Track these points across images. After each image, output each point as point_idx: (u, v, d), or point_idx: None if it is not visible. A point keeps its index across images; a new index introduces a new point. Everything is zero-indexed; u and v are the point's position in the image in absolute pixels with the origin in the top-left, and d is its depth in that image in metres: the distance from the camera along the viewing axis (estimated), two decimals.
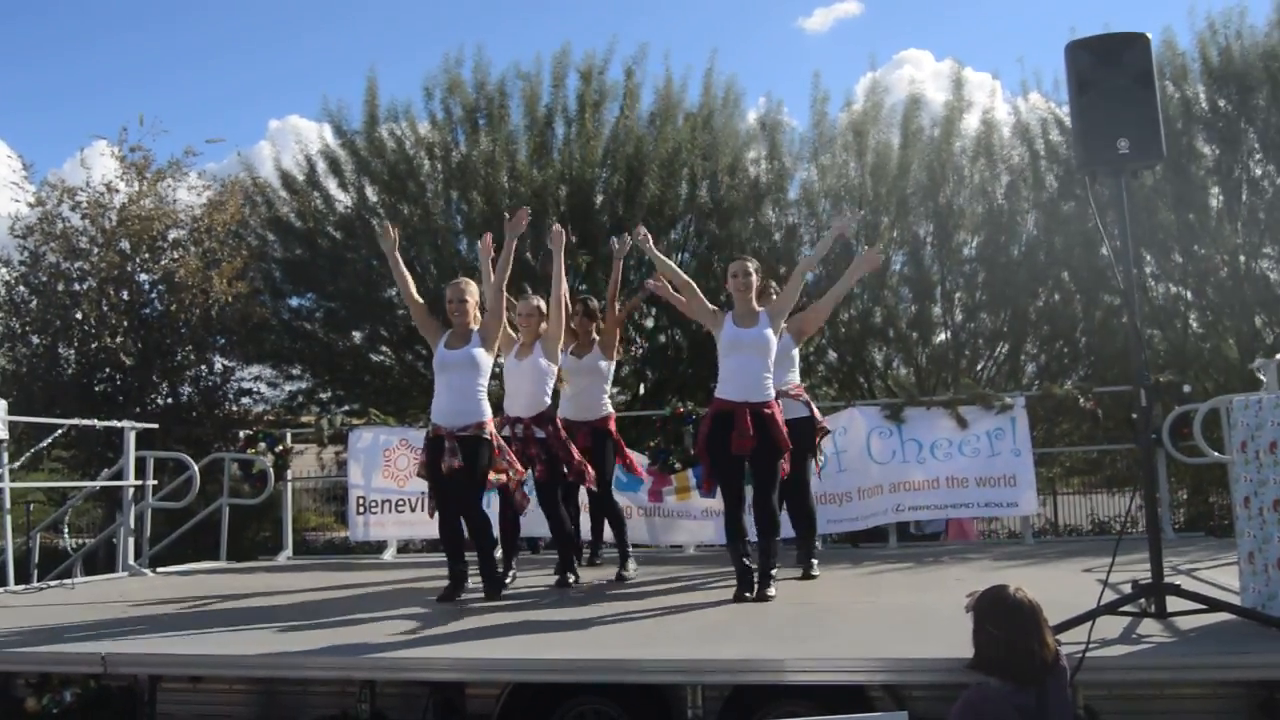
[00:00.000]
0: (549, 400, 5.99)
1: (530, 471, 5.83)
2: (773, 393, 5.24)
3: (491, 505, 5.96)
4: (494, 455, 5.41)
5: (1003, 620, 3.10)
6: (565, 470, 5.87)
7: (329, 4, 70.01)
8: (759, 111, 13.21)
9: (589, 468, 5.95)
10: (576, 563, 6.08)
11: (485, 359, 5.47)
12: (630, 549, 6.34)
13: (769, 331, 5.22)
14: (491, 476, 5.42)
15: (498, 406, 5.76)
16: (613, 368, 6.47)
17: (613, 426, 6.40)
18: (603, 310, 6.44)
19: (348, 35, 71.30)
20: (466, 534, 5.53)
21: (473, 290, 5.58)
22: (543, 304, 6.09)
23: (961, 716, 3.05)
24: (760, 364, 5.19)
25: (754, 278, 5.28)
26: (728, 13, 71.68)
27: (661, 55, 22.88)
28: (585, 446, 6.16)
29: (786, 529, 5.86)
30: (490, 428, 5.44)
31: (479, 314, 5.58)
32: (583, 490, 6.91)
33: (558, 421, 5.97)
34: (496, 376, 5.90)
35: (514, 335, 6.08)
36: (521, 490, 5.64)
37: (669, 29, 77.62)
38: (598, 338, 6.35)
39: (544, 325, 5.95)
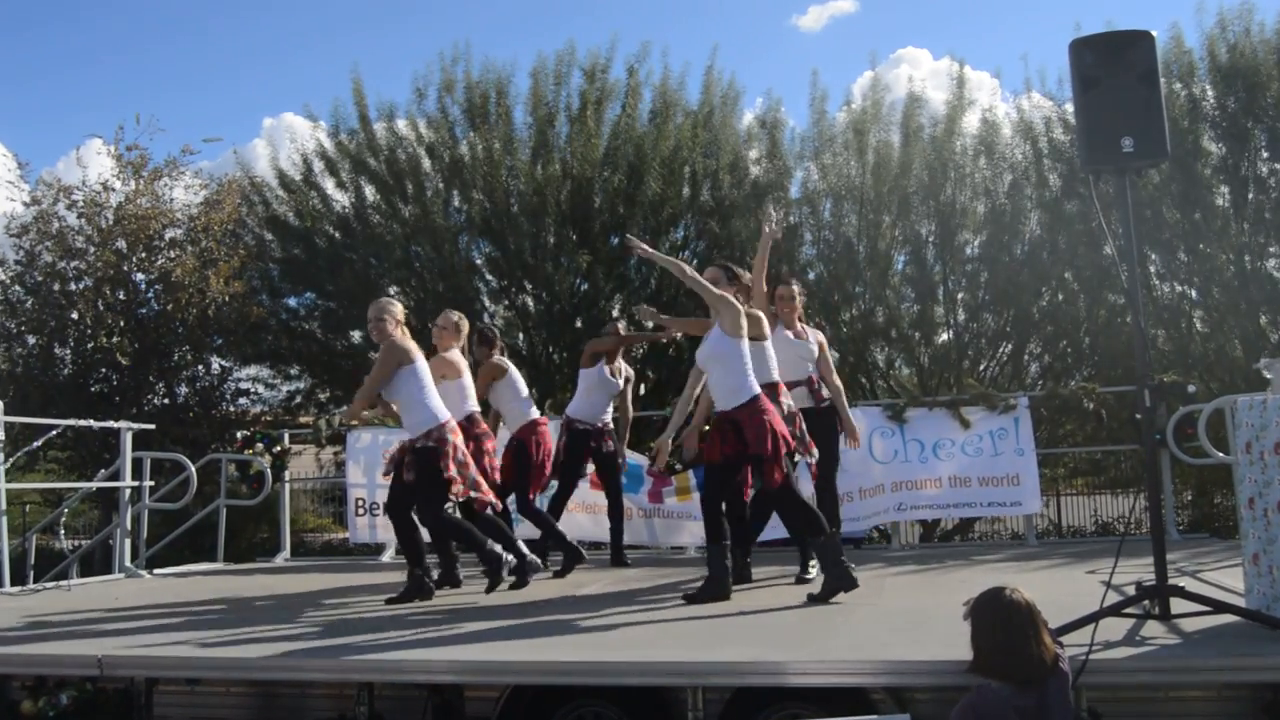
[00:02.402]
0: (474, 407, 6.16)
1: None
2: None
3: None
4: (443, 460, 5.42)
5: (999, 622, 3.09)
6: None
7: (325, 2, 70.09)
8: (756, 110, 13.20)
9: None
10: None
11: (405, 372, 5.48)
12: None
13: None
14: (455, 488, 5.48)
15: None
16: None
17: (530, 436, 6.56)
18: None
19: (345, 33, 71.44)
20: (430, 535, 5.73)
21: (393, 310, 5.60)
22: (461, 321, 6.22)
23: (961, 717, 3.03)
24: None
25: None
26: (722, 10, 71.79)
27: (662, 53, 22.82)
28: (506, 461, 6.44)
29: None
30: (439, 434, 5.47)
31: (391, 331, 5.56)
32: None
33: (483, 427, 6.13)
34: None
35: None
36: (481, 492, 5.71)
37: (662, 27, 77.84)
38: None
39: (458, 345, 6.16)
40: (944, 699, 3.70)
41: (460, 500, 5.72)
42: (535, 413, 6.72)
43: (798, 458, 5.26)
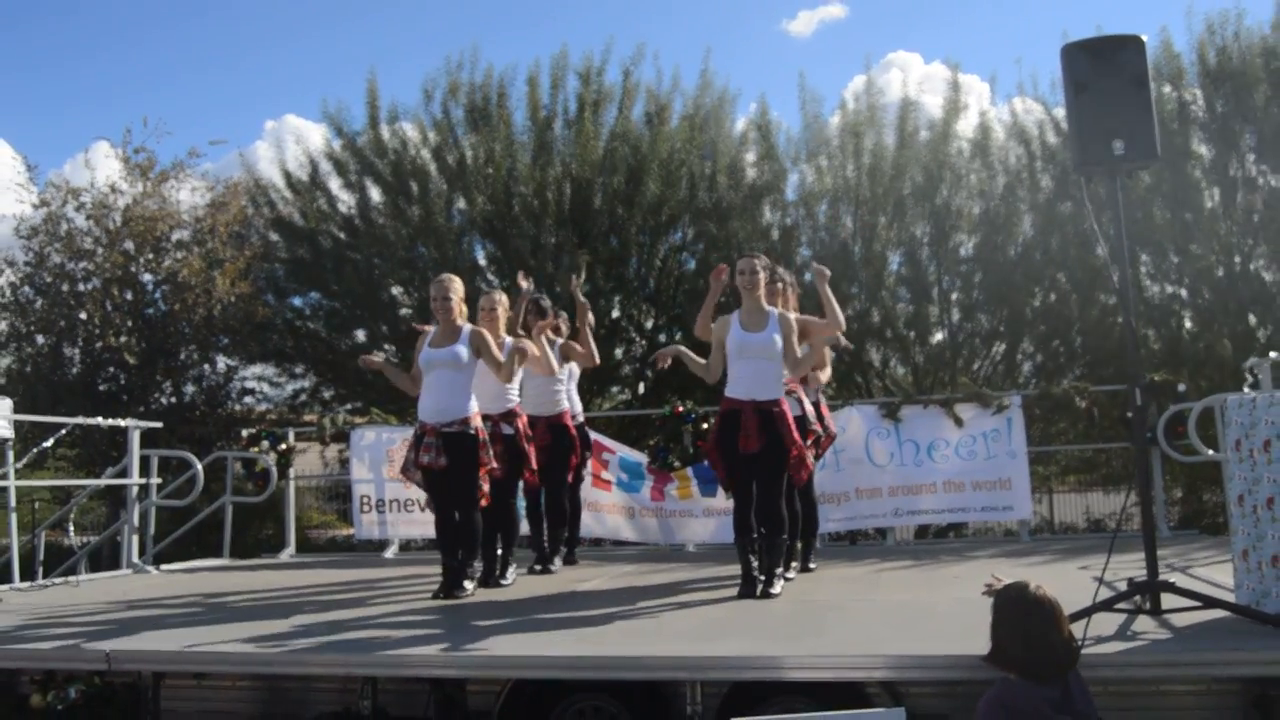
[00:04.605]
0: (515, 398, 6.04)
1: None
2: (782, 391, 5.21)
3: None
4: (480, 450, 5.43)
5: (1025, 618, 3.11)
6: (526, 471, 6.00)
7: (323, 4, 69.99)
8: (749, 114, 13.25)
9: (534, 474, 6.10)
10: (511, 565, 6.09)
11: (471, 358, 5.49)
12: (560, 548, 6.68)
13: (776, 336, 5.16)
14: (483, 473, 5.47)
15: None
16: (570, 372, 6.67)
17: (569, 423, 6.52)
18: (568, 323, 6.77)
19: (341, 35, 71.37)
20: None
21: (457, 287, 5.57)
22: (503, 299, 6.12)
23: (990, 711, 3.05)
24: (769, 367, 5.15)
25: (760, 275, 5.21)
26: (712, 14, 71.56)
27: (654, 57, 22.85)
28: (544, 443, 6.28)
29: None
30: (476, 422, 5.47)
31: (465, 309, 5.62)
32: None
33: (523, 420, 6.05)
34: None
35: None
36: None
37: (652, 30, 77.56)
38: (558, 339, 6.53)
39: (504, 323, 6.06)
40: (940, 693, 3.77)
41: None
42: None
43: None
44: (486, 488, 5.53)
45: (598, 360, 6.83)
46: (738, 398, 5.14)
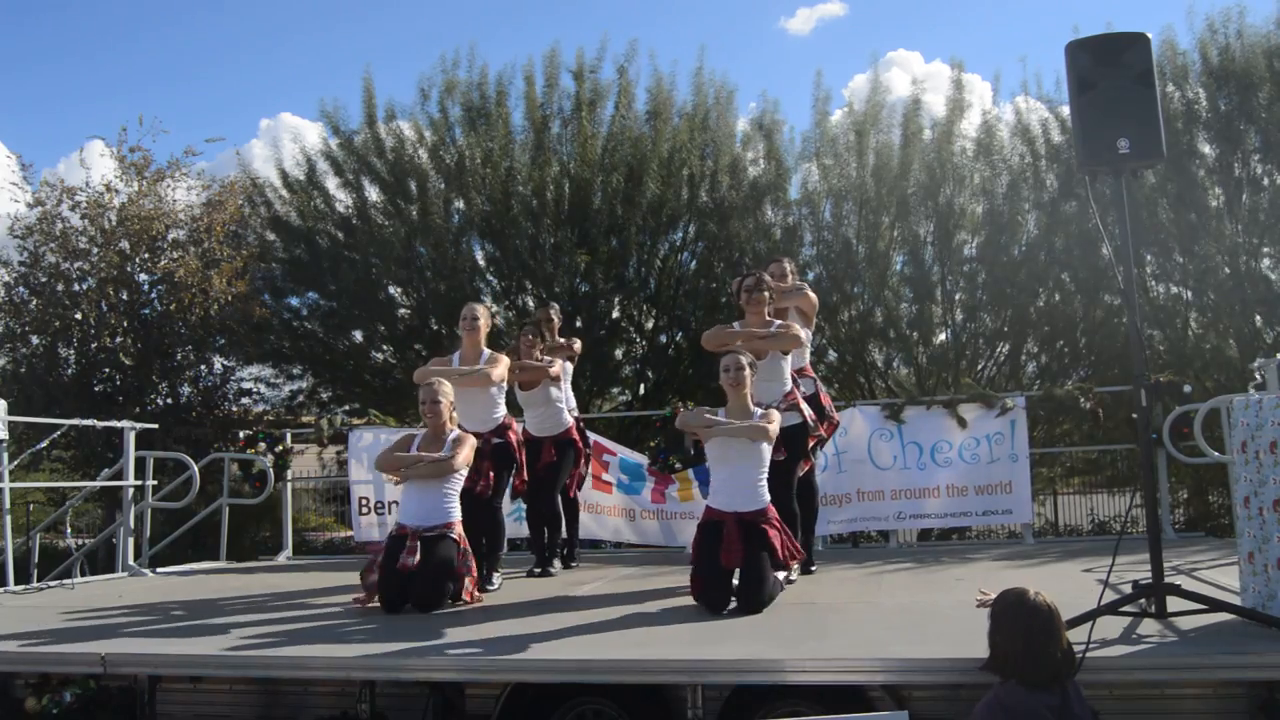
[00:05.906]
0: (501, 412, 6.08)
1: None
2: (767, 498, 4.97)
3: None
4: (459, 558, 5.28)
5: (1023, 624, 3.11)
6: (516, 480, 6.10)
7: (319, 2, 70.08)
8: (750, 112, 13.22)
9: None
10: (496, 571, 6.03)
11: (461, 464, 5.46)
12: (559, 550, 6.76)
13: (765, 446, 4.97)
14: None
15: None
16: (565, 370, 6.73)
17: (575, 435, 6.61)
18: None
19: (337, 33, 71.52)
20: None
21: (446, 391, 5.53)
22: (484, 311, 6.17)
23: (990, 714, 3.04)
24: (752, 472, 4.93)
25: (746, 373, 5.05)
26: (710, 12, 71.72)
27: (650, 55, 22.79)
28: (549, 460, 6.39)
29: None
30: (459, 529, 5.37)
31: (454, 415, 5.60)
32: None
33: (514, 431, 6.09)
34: None
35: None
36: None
37: (652, 28, 77.71)
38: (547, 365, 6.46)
39: (485, 336, 6.15)
40: (942, 696, 3.75)
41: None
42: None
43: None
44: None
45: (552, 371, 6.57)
46: (719, 509, 4.92)
